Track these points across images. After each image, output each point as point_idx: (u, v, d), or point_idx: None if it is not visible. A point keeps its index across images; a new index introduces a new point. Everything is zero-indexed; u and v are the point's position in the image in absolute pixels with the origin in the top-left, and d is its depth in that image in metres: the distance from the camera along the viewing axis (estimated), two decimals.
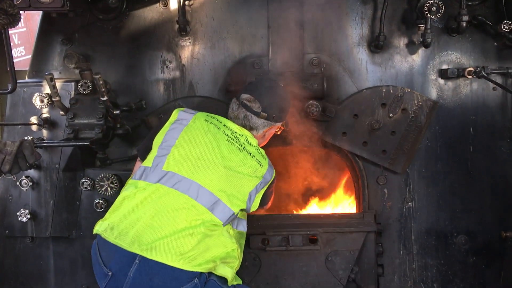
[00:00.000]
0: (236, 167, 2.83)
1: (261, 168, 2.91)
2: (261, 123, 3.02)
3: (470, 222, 3.71)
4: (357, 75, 3.70)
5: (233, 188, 2.79)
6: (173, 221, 2.60)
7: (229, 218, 2.77)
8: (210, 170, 2.76)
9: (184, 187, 2.69)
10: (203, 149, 2.81)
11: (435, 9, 3.28)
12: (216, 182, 2.75)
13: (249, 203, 2.89)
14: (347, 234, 3.63)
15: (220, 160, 2.80)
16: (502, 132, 3.66)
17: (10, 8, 2.65)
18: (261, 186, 2.93)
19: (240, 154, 2.87)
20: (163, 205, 2.64)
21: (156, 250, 2.53)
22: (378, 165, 3.70)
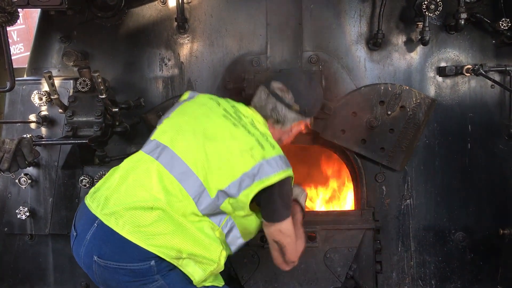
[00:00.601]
0: (223, 139, 2.51)
1: (261, 150, 2.49)
2: (291, 117, 2.74)
3: (468, 219, 3.73)
4: (356, 72, 3.70)
5: (213, 163, 2.46)
6: (140, 189, 2.43)
7: (206, 203, 2.46)
8: (189, 139, 2.52)
9: (159, 154, 2.51)
10: (189, 118, 2.61)
11: (433, 7, 3.28)
12: (193, 152, 2.48)
13: (238, 188, 2.46)
14: (346, 231, 3.64)
15: (202, 130, 2.53)
16: (500, 129, 3.66)
17: (8, 6, 2.65)
18: (261, 175, 2.46)
19: (233, 129, 2.56)
20: (139, 173, 2.49)
21: (113, 217, 2.38)
22: (377, 163, 3.70)
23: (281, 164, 2.52)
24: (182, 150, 2.49)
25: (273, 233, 2.63)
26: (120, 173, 2.55)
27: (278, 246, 2.65)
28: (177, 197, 2.42)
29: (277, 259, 2.72)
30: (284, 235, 2.62)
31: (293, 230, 2.66)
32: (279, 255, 2.69)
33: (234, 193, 2.47)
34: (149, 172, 2.47)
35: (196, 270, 2.48)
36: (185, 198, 2.43)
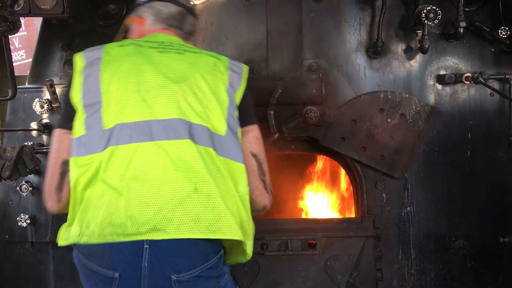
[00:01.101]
0: (190, 73, 2.18)
1: (220, 61, 2.30)
2: (193, 21, 2.60)
3: (469, 226, 3.72)
4: (355, 80, 3.72)
5: (200, 101, 2.14)
6: (163, 181, 1.98)
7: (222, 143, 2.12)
8: (161, 95, 2.10)
9: (146, 133, 2.03)
10: (137, 77, 2.13)
11: (432, 15, 3.30)
12: (178, 104, 2.09)
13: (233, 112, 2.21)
14: (346, 239, 3.64)
15: (163, 77, 2.14)
16: (499, 137, 3.67)
17: (10, 15, 2.68)
18: (236, 81, 2.28)
19: (182, 57, 2.24)
20: (136, 169, 1.98)
21: (160, 226, 1.93)
22: (377, 170, 3.71)
23: (237, 63, 2.39)
24: (165, 110, 2.08)
25: (251, 142, 2.29)
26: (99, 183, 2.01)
27: (257, 162, 2.26)
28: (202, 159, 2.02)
29: (257, 187, 2.25)
30: (261, 145, 2.34)
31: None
32: (259, 180, 2.26)
33: (233, 123, 2.20)
34: (151, 156, 2.01)
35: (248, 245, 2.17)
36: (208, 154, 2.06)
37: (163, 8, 2.50)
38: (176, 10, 2.51)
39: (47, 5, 3.35)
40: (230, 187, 2.08)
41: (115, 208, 1.95)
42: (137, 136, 2.02)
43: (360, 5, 3.67)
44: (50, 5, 3.34)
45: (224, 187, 2.05)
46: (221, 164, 2.08)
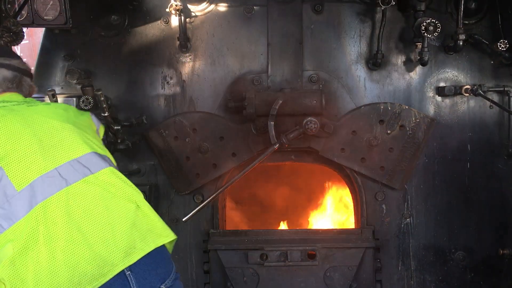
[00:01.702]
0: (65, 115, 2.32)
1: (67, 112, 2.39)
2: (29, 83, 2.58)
3: (468, 238, 3.73)
4: (356, 91, 3.74)
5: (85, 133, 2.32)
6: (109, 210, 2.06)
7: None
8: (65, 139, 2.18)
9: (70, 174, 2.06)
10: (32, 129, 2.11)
11: (432, 28, 3.32)
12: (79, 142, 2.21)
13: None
14: (346, 250, 3.64)
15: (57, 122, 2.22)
16: (499, 149, 3.69)
17: (14, 26, 2.71)
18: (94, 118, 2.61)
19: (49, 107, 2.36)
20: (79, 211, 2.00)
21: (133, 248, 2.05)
22: (376, 181, 3.72)
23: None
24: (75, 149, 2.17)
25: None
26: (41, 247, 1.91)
27: None
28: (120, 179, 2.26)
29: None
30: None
31: None
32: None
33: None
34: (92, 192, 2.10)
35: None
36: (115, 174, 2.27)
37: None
38: (11, 75, 2.44)
39: (50, 16, 3.38)
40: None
41: (78, 257, 1.92)
42: (63, 180, 2.03)
43: (360, 17, 3.70)
44: (53, 16, 3.37)
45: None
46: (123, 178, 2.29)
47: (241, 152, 3.71)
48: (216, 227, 3.80)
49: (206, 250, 3.71)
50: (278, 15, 3.68)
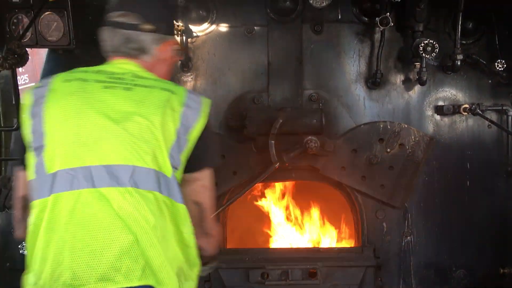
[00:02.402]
0: (134, 112, 1.99)
1: (175, 95, 2.06)
2: (149, 39, 2.17)
3: (469, 257, 3.73)
4: (355, 110, 3.78)
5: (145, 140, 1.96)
6: (108, 229, 1.88)
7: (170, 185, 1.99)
8: (102, 138, 1.94)
9: (88, 179, 1.90)
10: (78, 119, 1.97)
11: (430, 48, 3.37)
12: (121, 146, 1.94)
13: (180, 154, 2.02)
14: (347, 269, 3.64)
15: (105, 118, 1.96)
16: (498, 167, 3.71)
17: (18, 48, 2.77)
18: (191, 119, 2.04)
19: (130, 94, 2.02)
20: (80, 217, 1.89)
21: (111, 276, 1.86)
22: (377, 199, 3.74)
23: (197, 98, 2.13)
24: (106, 154, 1.94)
25: (197, 191, 2.12)
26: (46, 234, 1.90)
27: (199, 210, 2.13)
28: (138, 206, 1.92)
29: (195, 231, 2.10)
30: (208, 193, 2.16)
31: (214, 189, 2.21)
32: (198, 225, 2.12)
33: (177, 162, 2.02)
34: (100, 205, 1.91)
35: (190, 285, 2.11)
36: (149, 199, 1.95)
37: (113, 34, 2.19)
38: (120, 35, 2.17)
39: (54, 37, 3.44)
40: (171, 232, 2.00)
41: (61, 259, 1.87)
42: (79, 183, 1.91)
43: (359, 37, 3.76)
44: (56, 37, 3.43)
45: (164, 233, 1.97)
46: (165, 206, 1.98)
47: (242, 170, 3.73)
48: None
49: None
50: (278, 35, 3.74)
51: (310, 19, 3.72)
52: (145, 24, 2.15)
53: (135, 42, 2.15)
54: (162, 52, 2.22)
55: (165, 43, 2.23)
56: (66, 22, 3.39)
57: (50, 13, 3.38)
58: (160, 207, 1.96)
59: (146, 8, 2.19)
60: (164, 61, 2.26)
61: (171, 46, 2.28)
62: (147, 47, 2.17)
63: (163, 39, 2.21)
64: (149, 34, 2.17)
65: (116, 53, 2.18)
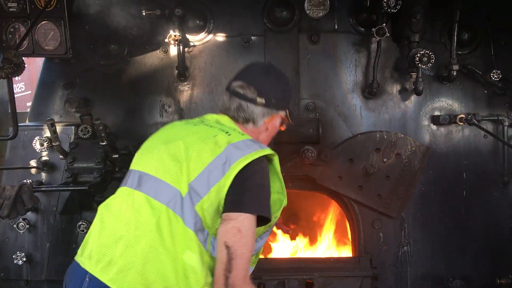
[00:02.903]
0: (182, 136, 2.27)
1: (226, 136, 2.24)
2: (259, 112, 2.44)
3: (466, 267, 3.72)
4: (352, 120, 3.79)
5: (177, 161, 2.18)
6: (119, 226, 2.15)
7: (181, 205, 2.11)
8: (153, 153, 2.31)
9: (131, 181, 2.27)
10: (157, 139, 2.41)
11: (426, 59, 3.39)
12: (157, 162, 2.24)
13: (207, 183, 2.11)
14: (343, 279, 3.63)
15: (163, 141, 2.33)
16: (494, 177, 3.71)
17: (15, 57, 2.75)
18: (230, 161, 2.12)
19: (193, 127, 2.35)
20: (114, 210, 2.24)
21: (99, 266, 2.09)
22: (374, 209, 3.73)
23: (252, 145, 2.21)
24: (147, 166, 2.27)
25: (229, 232, 2.08)
26: (104, 215, 2.28)
27: (228, 255, 2.05)
28: (148, 213, 2.12)
29: (217, 280, 2.08)
30: (241, 238, 2.06)
31: (253, 241, 2.14)
32: (223, 274, 2.05)
33: (203, 190, 2.11)
34: (122, 203, 2.23)
35: None
36: (158, 210, 2.11)
37: (230, 100, 2.50)
38: (235, 102, 2.46)
39: (51, 46, 3.43)
40: (166, 252, 2.07)
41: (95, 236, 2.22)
42: (131, 182, 2.29)
43: (355, 47, 3.77)
44: (53, 46, 3.42)
45: (155, 248, 2.07)
46: (170, 225, 2.10)
47: None
48: None
49: None
50: (275, 45, 3.75)
51: (307, 29, 3.75)
52: (259, 98, 2.43)
53: (245, 111, 2.44)
54: (269, 124, 2.51)
55: (273, 117, 2.51)
56: (63, 31, 3.38)
57: (47, 22, 3.37)
58: (165, 221, 2.09)
59: (262, 84, 2.47)
60: (268, 131, 2.55)
61: (278, 119, 2.56)
62: (256, 118, 2.46)
63: (272, 113, 2.49)
64: (259, 106, 2.44)
65: (226, 114, 2.48)
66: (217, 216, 2.15)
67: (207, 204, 2.11)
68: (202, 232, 2.13)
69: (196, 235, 2.10)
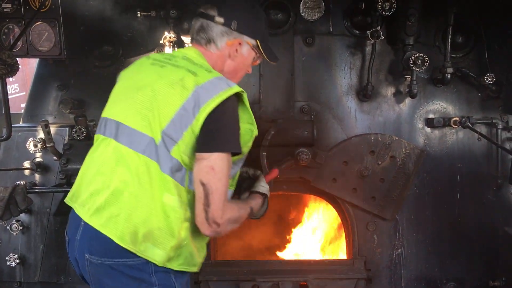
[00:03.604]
0: (150, 83, 2.28)
1: (193, 77, 2.23)
2: (218, 31, 2.42)
3: (459, 269, 3.74)
4: (346, 122, 3.79)
5: (150, 109, 2.22)
6: (103, 176, 2.25)
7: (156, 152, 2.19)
8: (123, 100, 2.35)
9: (112, 131, 2.32)
10: (128, 86, 2.42)
11: (420, 62, 3.40)
12: (130, 111, 2.28)
13: (180, 127, 2.17)
14: (338, 281, 3.63)
15: (133, 87, 2.35)
16: (488, 180, 3.72)
17: (9, 58, 2.74)
18: (199, 104, 2.16)
19: (159, 70, 2.34)
20: (98, 161, 2.33)
21: (87, 212, 2.24)
22: (368, 211, 3.74)
23: (220, 84, 2.22)
24: (122, 115, 2.31)
25: (203, 170, 2.17)
26: (87, 160, 2.43)
27: (204, 191, 2.17)
28: (127, 163, 2.22)
29: (198, 215, 2.21)
30: (215, 176, 2.17)
31: (228, 176, 2.23)
32: (202, 209, 2.18)
33: (176, 135, 2.18)
34: (100, 150, 2.35)
35: (155, 252, 2.19)
36: (135, 160, 2.21)
37: (195, 22, 2.52)
38: (198, 22, 2.48)
39: (45, 47, 3.42)
40: (148, 196, 2.19)
41: (81, 179, 2.37)
42: (100, 129, 2.40)
43: (350, 50, 3.78)
44: (47, 47, 3.41)
45: (138, 193, 2.19)
46: (148, 171, 2.20)
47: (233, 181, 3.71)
48: (208, 258, 3.77)
49: (198, 281, 3.68)
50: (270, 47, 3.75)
51: (302, 31, 3.75)
52: (218, 17, 2.41)
53: (205, 31, 2.43)
54: (231, 48, 2.46)
55: (236, 40, 2.45)
56: (58, 32, 3.37)
57: (41, 23, 3.36)
58: (143, 169, 2.19)
59: (227, 4, 2.46)
60: (231, 58, 2.48)
61: (245, 44, 2.49)
62: (215, 38, 2.42)
63: (233, 35, 2.44)
64: (218, 25, 2.41)
65: (192, 40, 2.50)
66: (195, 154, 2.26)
67: (183, 147, 2.19)
68: (180, 171, 2.22)
69: (173, 178, 2.20)
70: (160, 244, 2.19)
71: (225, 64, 2.49)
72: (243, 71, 2.62)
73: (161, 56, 2.47)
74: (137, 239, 2.16)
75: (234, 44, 2.46)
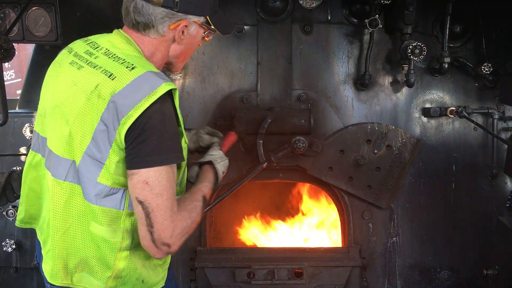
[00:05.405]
0: (66, 95, 1.94)
1: (109, 82, 1.84)
2: (158, 14, 1.97)
3: (453, 258, 3.78)
4: (343, 111, 3.80)
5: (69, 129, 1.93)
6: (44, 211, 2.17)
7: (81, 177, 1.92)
8: (48, 114, 2.04)
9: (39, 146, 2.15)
10: (48, 97, 2.07)
11: (417, 51, 3.39)
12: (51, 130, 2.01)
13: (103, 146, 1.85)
14: (333, 269, 3.67)
15: (52, 97, 2.02)
16: (483, 170, 3.75)
17: (5, 43, 2.72)
18: (125, 108, 1.79)
19: (76, 74, 1.95)
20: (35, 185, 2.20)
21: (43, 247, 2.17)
22: (363, 200, 3.76)
23: (143, 87, 1.81)
24: (47, 133, 2.06)
25: (136, 186, 1.83)
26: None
27: (144, 210, 1.84)
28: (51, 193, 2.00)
29: (143, 238, 1.88)
30: (151, 192, 1.82)
31: (170, 188, 1.86)
32: (146, 231, 1.85)
33: (101, 155, 1.86)
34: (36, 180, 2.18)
35: (92, 283, 2.00)
36: (57, 189, 1.98)
37: (129, 2, 2.04)
38: (132, 2, 2.01)
39: (41, 32, 3.39)
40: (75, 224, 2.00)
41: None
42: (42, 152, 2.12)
43: (348, 38, 3.77)
44: (44, 32, 3.38)
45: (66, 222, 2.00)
46: (77, 201, 1.98)
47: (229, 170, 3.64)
48: (204, 245, 3.80)
49: (193, 267, 3.70)
50: (268, 35, 3.74)
51: (300, 19, 3.73)
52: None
53: (141, 14, 1.97)
54: (176, 32, 2.04)
55: (182, 22, 2.02)
56: (54, 17, 3.34)
57: (37, 8, 3.33)
58: (66, 197, 1.98)
59: None
60: (176, 41, 2.07)
61: (193, 26, 2.07)
62: (155, 23, 1.98)
63: (177, 17, 2.00)
64: (158, 8, 1.96)
65: (125, 22, 2.05)
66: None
67: (112, 168, 1.87)
68: (114, 195, 1.93)
69: (101, 205, 1.92)
70: (95, 273, 2.00)
71: (170, 49, 2.10)
72: (192, 50, 2.24)
73: (83, 48, 2.02)
74: (68, 270, 2.00)
75: (179, 27, 2.03)
